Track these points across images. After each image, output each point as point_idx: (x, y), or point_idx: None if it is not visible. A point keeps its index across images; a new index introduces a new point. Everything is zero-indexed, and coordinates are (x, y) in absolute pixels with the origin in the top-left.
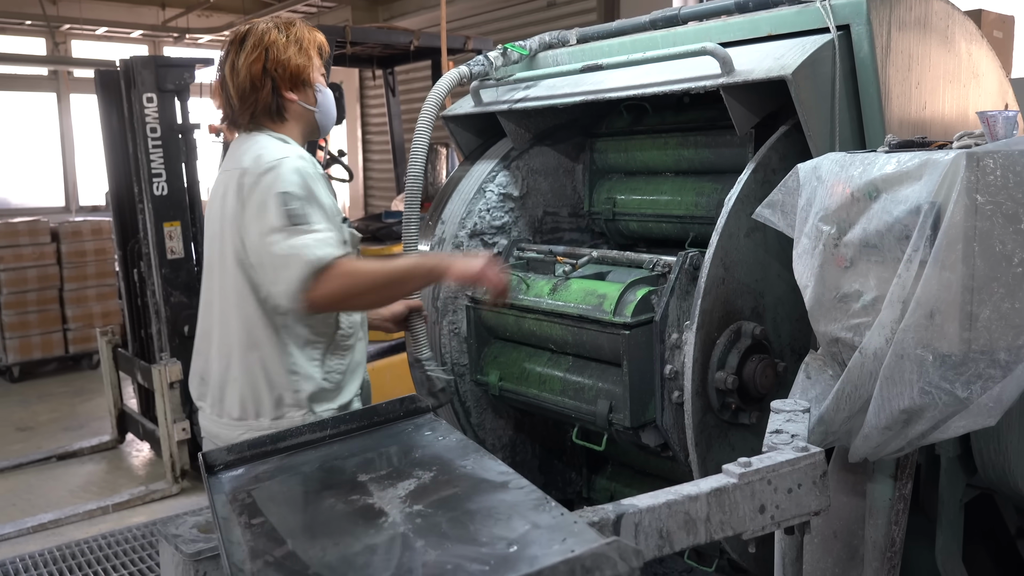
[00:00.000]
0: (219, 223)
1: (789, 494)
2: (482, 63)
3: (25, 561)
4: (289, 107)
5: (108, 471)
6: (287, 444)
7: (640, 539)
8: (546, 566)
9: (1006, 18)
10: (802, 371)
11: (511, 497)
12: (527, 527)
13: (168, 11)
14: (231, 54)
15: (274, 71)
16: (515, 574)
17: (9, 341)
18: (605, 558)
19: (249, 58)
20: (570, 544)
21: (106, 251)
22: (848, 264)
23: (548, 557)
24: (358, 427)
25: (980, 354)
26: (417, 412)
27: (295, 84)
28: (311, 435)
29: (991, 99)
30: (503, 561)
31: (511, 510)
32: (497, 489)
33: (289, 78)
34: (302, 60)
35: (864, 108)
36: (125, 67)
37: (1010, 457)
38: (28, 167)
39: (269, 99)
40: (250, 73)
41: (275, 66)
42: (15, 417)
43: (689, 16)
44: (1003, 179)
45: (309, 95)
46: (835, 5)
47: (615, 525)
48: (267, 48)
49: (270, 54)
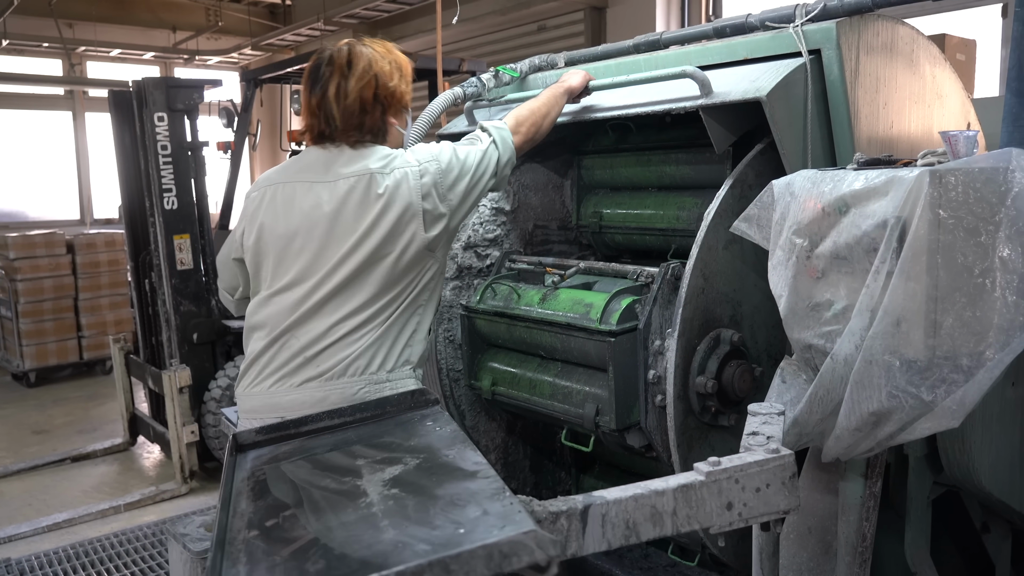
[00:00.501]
0: (347, 226)
1: (757, 493)
2: (475, 84)
3: (40, 559)
4: (390, 129)
5: (120, 472)
6: (307, 428)
7: (607, 528)
8: (465, 550)
9: (968, 42)
10: (778, 376)
11: (475, 486)
12: (479, 513)
13: (179, 34)
14: (336, 76)
15: (384, 98)
16: (436, 555)
17: (26, 348)
18: (523, 546)
19: (360, 83)
20: (507, 531)
21: (119, 262)
22: (820, 275)
23: (478, 542)
24: (371, 416)
25: (944, 360)
26: (426, 404)
27: (397, 110)
28: (329, 421)
29: (954, 118)
30: (444, 543)
31: (471, 497)
32: (466, 478)
33: (395, 102)
34: (404, 87)
35: (835, 127)
36: (137, 88)
37: (974, 456)
38: (45, 182)
39: (378, 122)
40: (360, 98)
41: (385, 93)
42: (31, 420)
43: (670, 41)
44: (964, 195)
45: (403, 119)
46: (807, 31)
47: (582, 515)
48: (377, 75)
49: (380, 81)
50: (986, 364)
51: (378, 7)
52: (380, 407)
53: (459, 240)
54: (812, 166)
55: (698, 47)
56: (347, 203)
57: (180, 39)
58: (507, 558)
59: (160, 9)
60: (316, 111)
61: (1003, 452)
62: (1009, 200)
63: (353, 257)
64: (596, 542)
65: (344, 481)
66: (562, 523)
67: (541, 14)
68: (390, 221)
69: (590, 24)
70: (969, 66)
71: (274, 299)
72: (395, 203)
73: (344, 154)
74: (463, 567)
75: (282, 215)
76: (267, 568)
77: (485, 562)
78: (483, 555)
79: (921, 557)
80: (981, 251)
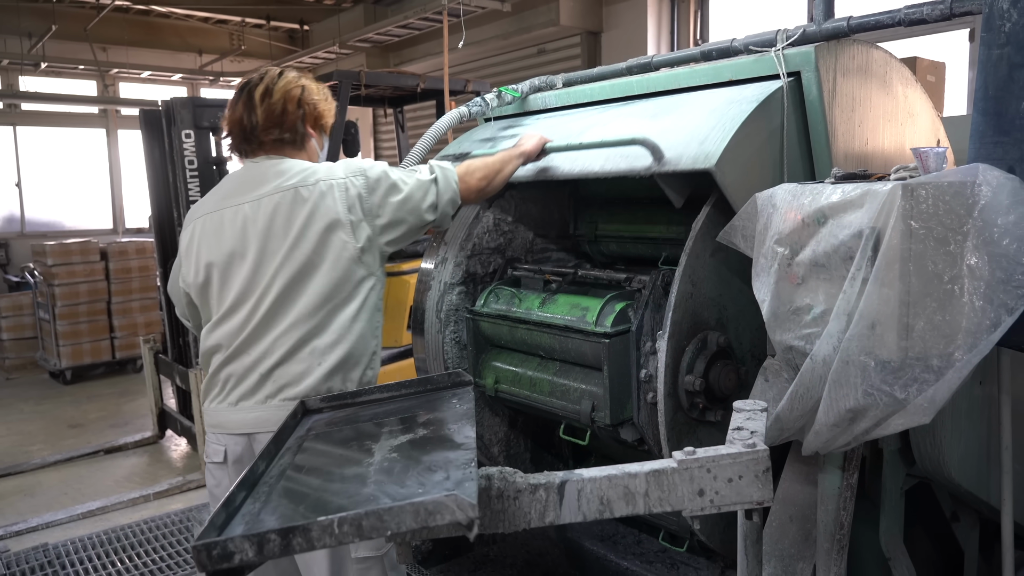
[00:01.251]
0: (277, 241)
1: (729, 483)
2: (479, 104)
3: (75, 544)
4: (307, 141)
5: (149, 463)
6: (362, 399)
7: (583, 502)
8: (396, 505)
9: (938, 64)
10: (761, 375)
11: (454, 456)
12: (443, 478)
13: (204, 57)
14: (265, 82)
15: (306, 104)
16: (374, 507)
17: (63, 348)
18: (444, 506)
19: (288, 87)
20: (440, 493)
21: (149, 268)
22: (800, 281)
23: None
24: (413, 391)
25: (915, 360)
26: (460, 384)
27: (316, 123)
28: (379, 395)
29: (925, 135)
30: (403, 498)
31: (445, 465)
32: (452, 448)
33: (315, 116)
34: (326, 107)
35: (813, 144)
36: (166, 107)
37: (944, 450)
38: (80, 194)
39: (296, 124)
40: (285, 97)
41: (309, 101)
42: (67, 415)
43: (661, 63)
44: (934, 207)
45: (321, 139)
46: (787, 54)
47: (559, 488)
48: (303, 86)
49: (306, 90)
50: (955, 364)
51: (389, 32)
52: (423, 384)
53: (464, 249)
54: (791, 180)
55: (686, 69)
56: (275, 219)
57: (206, 62)
58: (431, 515)
59: (187, 34)
60: (241, 110)
61: (971, 446)
62: (976, 212)
63: (285, 268)
64: (572, 513)
65: (364, 445)
66: (540, 494)
67: (541, 38)
68: (317, 231)
69: (586, 48)
70: (939, 87)
71: (223, 322)
72: (320, 213)
73: (264, 169)
74: (394, 519)
75: (215, 243)
76: (272, 508)
77: (413, 517)
78: (411, 511)
79: (895, 544)
80: (950, 259)
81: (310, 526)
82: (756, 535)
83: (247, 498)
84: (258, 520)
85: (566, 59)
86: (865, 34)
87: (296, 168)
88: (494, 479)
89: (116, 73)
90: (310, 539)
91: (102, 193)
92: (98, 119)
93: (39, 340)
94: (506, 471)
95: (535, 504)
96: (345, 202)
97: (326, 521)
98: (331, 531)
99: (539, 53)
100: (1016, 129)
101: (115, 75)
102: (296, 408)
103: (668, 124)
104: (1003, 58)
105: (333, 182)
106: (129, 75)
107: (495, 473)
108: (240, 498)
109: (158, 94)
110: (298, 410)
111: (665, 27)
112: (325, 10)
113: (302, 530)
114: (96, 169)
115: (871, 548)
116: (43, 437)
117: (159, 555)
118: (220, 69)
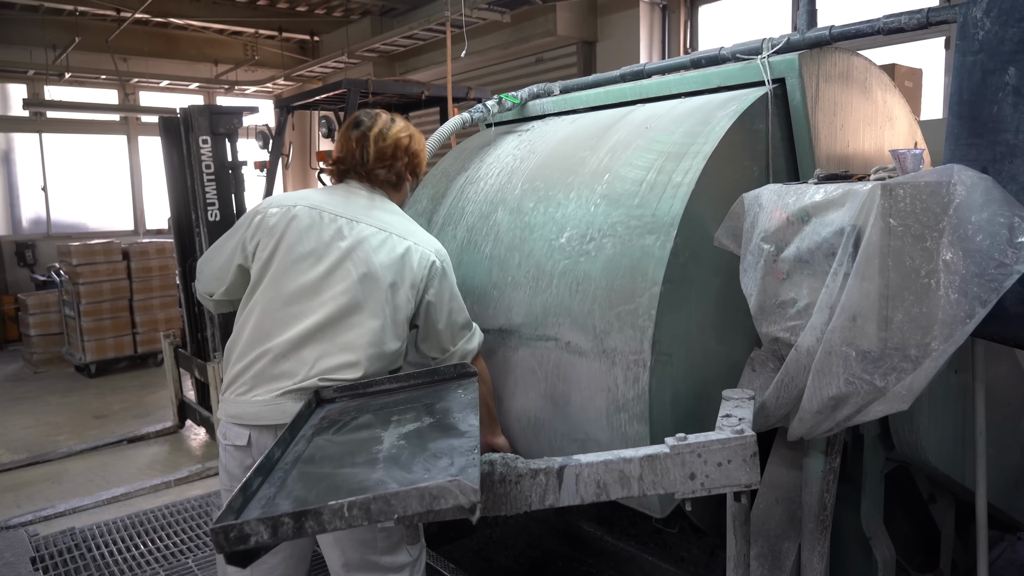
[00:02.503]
0: (356, 262)
1: (719, 467)
2: (481, 110)
3: (101, 528)
4: (403, 184)
5: (170, 452)
6: (373, 390)
7: (580, 486)
8: (402, 490)
9: (915, 71)
10: (748, 365)
11: (458, 443)
12: (447, 464)
13: (220, 67)
14: (381, 123)
15: (412, 153)
16: (381, 492)
17: (87, 343)
18: (448, 491)
19: (400, 133)
20: (444, 479)
21: (168, 267)
22: (785, 276)
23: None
24: (422, 382)
25: (894, 351)
26: (466, 375)
27: (413, 170)
28: (390, 385)
29: (903, 138)
30: (410, 483)
31: (451, 452)
32: (456, 436)
33: (415, 165)
34: (424, 157)
35: (797, 146)
36: (184, 114)
37: (921, 435)
38: (103, 197)
39: (401, 169)
40: (396, 144)
41: (413, 150)
42: (92, 407)
43: (653, 71)
44: (911, 206)
45: (414, 184)
46: (773, 62)
47: (559, 473)
48: (412, 135)
49: (413, 140)
50: (932, 354)
51: (395, 43)
52: (431, 376)
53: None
54: (777, 181)
55: (677, 76)
56: (362, 245)
57: (221, 71)
58: (436, 499)
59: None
60: (354, 145)
61: (947, 431)
62: (951, 210)
63: (349, 293)
64: (570, 496)
65: (374, 433)
66: (541, 479)
67: (539, 48)
68: (396, 277)
69: (582, 56)
70: (916, 92)
71: (275, 313)
72: (407, 271)
73: (366, 197)
74: (401, 503)
75: (302, 235)
76: (287, 492)
77: (419, 501)
78: (416, 495)
79: (875, 524)
80: (927, 255)
81: (322, 509)
82: (744, 516)
83: (263, 483)
84: (273, 504)
85: (563, 67)
86: (847, 42)
87: (397, 214)
88: (496, 465)
89: (136, 82)
90: (321, 522)
91: (123, 196)
92: (119, 126)
93: (65, 336)
94: (508, 457)
95: (536, 488)
96: (424, 274)
97: (336, 505)
98: (341, 514)
99: (537, 62)
100: (989, 131)
101: (135, 84)
102: (310, 398)
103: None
104: (976, 64)
105: (424, 251)
106: (148, 84)
107: (497, 459)
108: (257, 483)
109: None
110: (312, 400)
111: (657, 37)
112: (335, 22)
113: (314, 513)
114: (118, 173)
115: (853, 528)
116: (69, 427)
117: (180, 538)
118: (235, 78)
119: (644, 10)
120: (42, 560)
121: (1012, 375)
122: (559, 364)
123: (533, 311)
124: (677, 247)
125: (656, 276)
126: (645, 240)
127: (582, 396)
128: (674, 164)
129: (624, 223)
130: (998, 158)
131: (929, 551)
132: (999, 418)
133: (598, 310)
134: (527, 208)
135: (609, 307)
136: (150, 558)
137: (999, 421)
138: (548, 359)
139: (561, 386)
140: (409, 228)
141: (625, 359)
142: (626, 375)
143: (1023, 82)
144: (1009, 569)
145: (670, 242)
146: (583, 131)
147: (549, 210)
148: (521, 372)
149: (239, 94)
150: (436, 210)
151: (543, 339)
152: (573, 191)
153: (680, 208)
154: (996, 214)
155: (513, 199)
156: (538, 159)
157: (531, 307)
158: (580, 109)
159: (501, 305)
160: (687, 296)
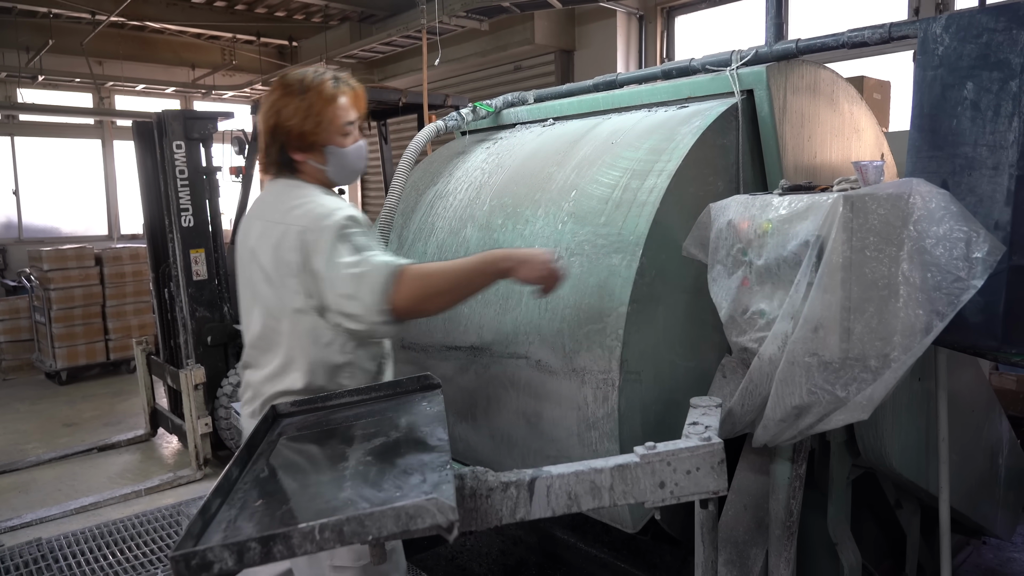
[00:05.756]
0: (266, 270)
1: (688, 475)
2: (455, 119)
3: (68, 538)
4: (300, 165)
5: (142, 460)
6: (332, 403)
7: (551, 498)
8: (377, 510)
9: (883, 83)
10: (719, 371)
11: (429, 458)
12: (419, 481)
13: (197, 71)
14: (262, 104)
15: (282, 135)
16: (355, 513)
17: (58, 350)
18: (425, 509)
19: (264, 116)
20: (419, 497)
21: (142, 273)
22: (753, 287)
23: (395, 503)
24: (384, 395)
25: (855, 361)
26: (429, 387)
27: (301, 147)
28: (350, 398)
29: (870, 150)
30: (381, 502)
31: (422, 467)
32: (426, 451)
33: (295, 141)
34: (308, 126)
35: (765, 156)
36: (158, 119)
37: (886, 442)
38: (76, 201)
39: (278, 156)
40: (264, 130)
41: (282, 131)
42: (62, 414)
43: (625, 81)
44: (872, 218)
45: (319, 155)
46: (741, 74)
47: (530, 485)
48: (278, 111)
49: (281, 117)
50: (891, 365)
51: (373, 49)
52: (392, 388)
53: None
54: (745, 191)
55: (649, 87)
56: (258, 246)
57: (198, 75)
58: (412, 519)
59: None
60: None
61: (911, 438)
62: (911, 224)
63: (255, 301)
64: (542, 508)
65: (338, 449)
66: (512, 491)
67: (517, 56)
68: (277, 268)
69: (560, 65)
70: (885, 104)
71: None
72: (284, 254)
73: (274, 190)
74: (376, 524)
75: (239, 248)
76: (249, 514)
77: (394, 521)
78: (392, 515)
79: (842, 530)
80: (887, 267)
81: (291, 533)
82: (712, 523)
83: (223, 504)
84: (235, 527)
85: (541, 76)
86: (816, 55)
87: (303, 201)
88: (466, 478)
89: (111, 86)
90: (291, 546)
91: (97, 201)
92: (94, 130)
93: (35, 342)
94: (478, 470)
95: (506, 501)
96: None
97: (307, 528)
98: (312, 537)
99: (516, 70)
100: (948, 144)
101: (110, 88)
102: (267, 413)
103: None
104: (936, 79)
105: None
106: (124, 88)
107: (467, 472)
108: (216, 505)
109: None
110: (269, 415)
111: (634, 46)
112: (313, 27)
113: (283, 537)
114: (92, 178)
115: (820, 534)
116: (38, 435)
117: (149, 548)
118: (212, 83)
119: (621, 20)
120: (7, 572)
121: (975, 382)
122: (530, 382)
123: (503, 329)
124: (643, 266)
125: (623, 296)
126: (612, 259)
127: (554, 414)
128: (639, 182)
129: (591, 241)
130: (957, 170)
131: (896, 556)
132: (962, 425)
133: (567, 329)
134: (496, 224)
135: (578, 326)
136: (119, 569)
137: (962, 427)
138: (520, 377)
139: (533, 404)
140: (289, 206)
141: (595, 378)
142: (595, 394)
143: (981, 97)
144: (974, 573)
145: (636, 262)
146: (550, 145)
147: (517, 227)
148: (494, 389)
149: (217, 99)
150: (407, 224)
151: (514, 357)
152: (540, 208)
153: (645, 227)
154: (953, 228)
155: (482, 215)
156: (506, 174)
157: (501, 325)
158: (553, 119)
159: (472, 323)
160: (654, 314)
